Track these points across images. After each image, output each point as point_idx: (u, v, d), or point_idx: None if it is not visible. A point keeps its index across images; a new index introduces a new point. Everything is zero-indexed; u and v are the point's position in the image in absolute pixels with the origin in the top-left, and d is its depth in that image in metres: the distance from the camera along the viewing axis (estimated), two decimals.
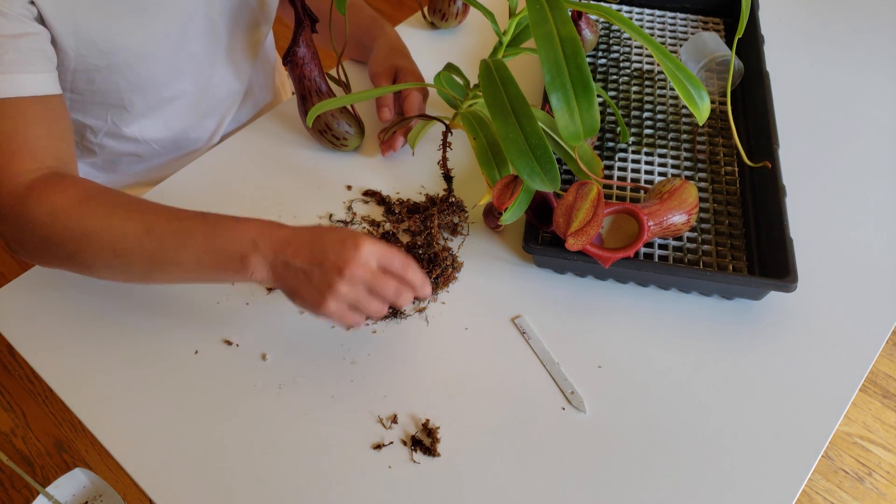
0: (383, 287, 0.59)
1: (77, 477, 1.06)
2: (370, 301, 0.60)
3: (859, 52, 1.03)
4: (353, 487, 0.60)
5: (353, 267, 0.57)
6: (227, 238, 0.60)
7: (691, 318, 0.72)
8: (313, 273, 0.58)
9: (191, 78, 0.84)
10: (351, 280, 0.58)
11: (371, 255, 0.59)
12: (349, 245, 0.58)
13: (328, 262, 0.58)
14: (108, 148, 0.88)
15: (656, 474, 0.62)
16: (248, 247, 0.59)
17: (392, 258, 0.60)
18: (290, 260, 0.59)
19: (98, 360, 0.67)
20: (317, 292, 0.58)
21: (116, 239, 0.61)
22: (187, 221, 0.62)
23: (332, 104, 0.71)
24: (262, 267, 0.59)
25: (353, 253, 0.58)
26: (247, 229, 0.60)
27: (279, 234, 0.60)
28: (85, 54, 0.71)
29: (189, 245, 0.61)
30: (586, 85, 0.59)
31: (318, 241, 0.59)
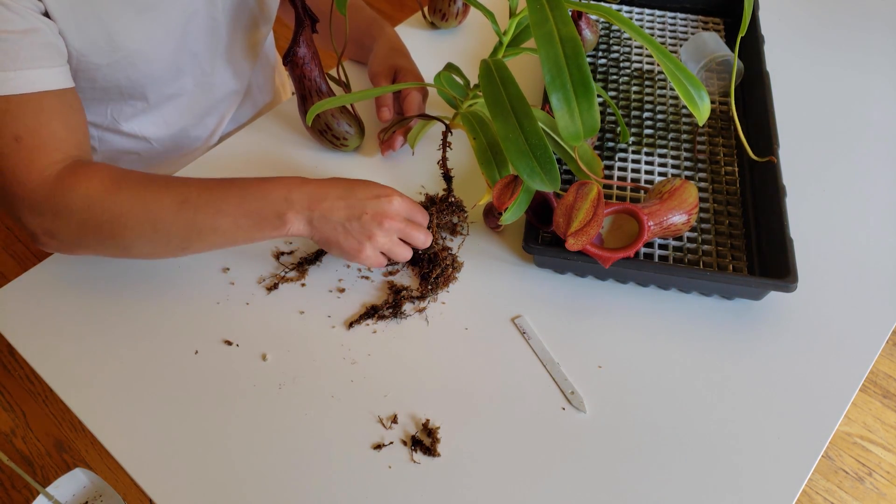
0: (414, 236, 0.69)
1: (77, 477, 1.06)
2: (401, 247, 0.68)
3: (859, 52, 1.03)
4: (353, 487, 0.60)
5: (390, 219, 0.66)
6: (260, 199, 0.64)
7: (691, 318, 0.72)
8: (352, 226, 0.65)
9: (191, 76, 0.84)
10: (388, 231, 0.66)
11: (401, 207, 0.67)
12: (383, 200, 0.66)
13: (366, 216, 0.65)
14: (109, 144, 0.88)
15: (656, 474, 0.62)
16: (282, 204, 0.64)
17: (416, 211, 0.70)
18: (327, 214, 0.65)
19: (98, 360, 0.67)
20: (356, 242, 0.66)
21: (153, 214, 0.64)
22: (218, 189, 0.65)
23: (331, 104, 0.71)
24: (299, 222, 0.65)
25: (387, 206, 0.66)
26: (278, 187, 0.65)
27: (311, 188, 0.65)
28: (86, 53, 0.71)
29: (225, 210, 0.64)
30: (586, 85, 0.59)
31: (353, 197, 0.66)
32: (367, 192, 0.67)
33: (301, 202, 0.65)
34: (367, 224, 0.65)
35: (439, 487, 0.61)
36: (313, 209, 0.65)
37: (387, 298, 0.72)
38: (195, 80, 0.85)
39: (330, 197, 0.65)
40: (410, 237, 0.69)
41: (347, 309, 0.72)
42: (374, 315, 0.71)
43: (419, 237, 0.69)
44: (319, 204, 0.65)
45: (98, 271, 0.74)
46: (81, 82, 0.76)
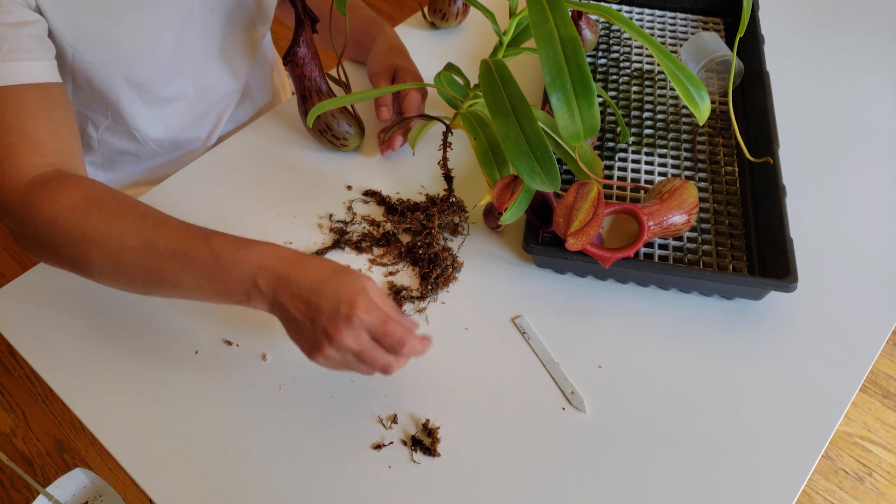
0: (371, 360, 0.58)
1: (77, 477, 1.06)
2: (359, 366, 0.59)
3: (859, 51, 1.03)
4: (353, 487, 0.60)
5: (342, 337, 0.56)
6: (228, 269, 0.58)
7: (691, 318, 0.72)
8: (306, 327, 0.57)
9: (188, 76, 0.84)
10: (339, 348, 0.56)
11: (362, 326, 0.56)
12: (343, 313, 0.56)
13: (319, 325, 0.56)
14: (109, 144, 0.88)
15: (656, 474, 0.62)
16: (248, 282, 0.58)
17: (384, 335, 0.57)
18: (286, 304, 0.57)
19: (98, 360, 0.67)
20: (308, 344, 0.58)
21: (116, 250, 0.60)
22: (189, 242, 0.60)
23: (332, 104, 0.71)
24: (261, 303, 0.59)
25: (344, 323, 0.55)
26: (248, 261, 0.58)
27: (280, 270, 0.58)
28: (81, 50, 0.71)
29: (190, 269, 0.59)
30: (586, 85, 0.59)
31: (316, 296, 0.57)
32: (332, 294, 0.56)
33: (266, 284, 0.58)
34: (318, 334, 0.57)
35: (439, 487, 0.61)
36: (276, 294, 0.58)
37: None
38: (192, 80, 0.85)
39: (294, 287, 0.57)
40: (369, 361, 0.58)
41: None
42: None
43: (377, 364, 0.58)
44: (282, 290, 0.57)
45: None
46: (80, 81, 0.76)
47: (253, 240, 0.60)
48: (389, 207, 0.79)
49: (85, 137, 0.87)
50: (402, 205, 0.79)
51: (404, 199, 0.80)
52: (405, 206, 0.79)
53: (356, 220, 0.79)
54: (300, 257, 0.59)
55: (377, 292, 0.58)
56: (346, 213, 0.79)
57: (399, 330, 0.57)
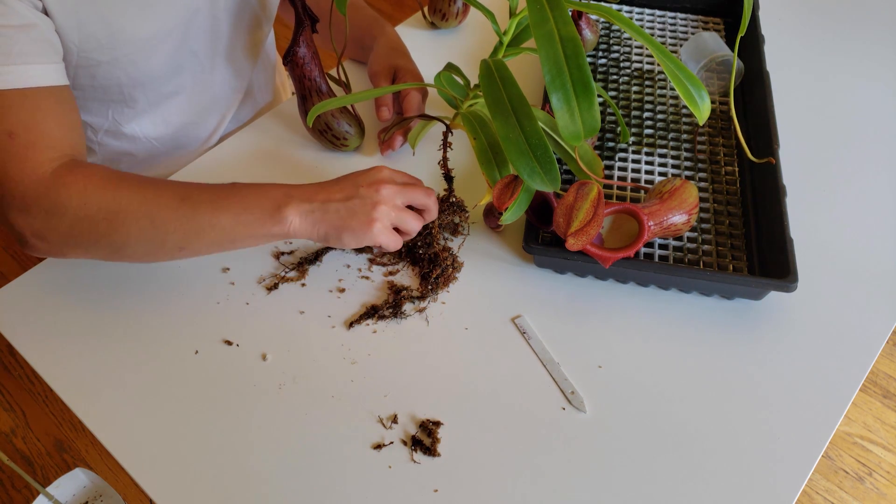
0: (413, 196, 0.68)
1: (77, 477, 1.06)
2: (408, 214, 0.68)
3: (859, 51, 1.03)
4: (353, 487, 0.60)
5: (386, 185, 0.66)
6: (260, 195, 0.65)
7: (691, 318, 0.72)
8: (354, 204, 0.65)
9: (191, 75, 0.84)
10: (388, 198, 0.66)
11: (392, 173, 0.68)
12: (373, 173, 0.67)
13: (363, 191, 0.65)
14: (109, 146, 0.88)
15: (656, 474, 0.62)
16: (281, 199, 0.65)
17: (406, 176, 0.70)
18: (326, 202, 0.65)
19: (98, 359, 0.67)
20: (364, 216, 0.65)
21: (153, 209, 0.64)
22: (219, 188, 0.66)
23: (332, 104, 0.71)
24: (298, 215, 0.65)
25: (379, 175, 0.67)
26: (277, 187, 0.66)
27: (306, 186, 0.67)
28: (87, 49, 0.71)
29: (225, 207, 0.64)
30: (587, 85, 0.59)
31: (346, 181, 0.67)
32: (356, 175, 0.68)
33: (300, 195, 0.65)
34: (367, 195, 0.65)
35: (439, 487, 0.61)
36: (312, 200, 0.65)
37: (387, 298, 0.72)
38: (195, 79, 0.85)
39: (325, 188, 0.66)
40: (412, 199, 0.68)
41: (347, 309, 0.72)
42: (374, 315, 0.71)
43: (419, 196, 0.69)
44: (317, 195, 0.66)
45: (99, 271, 0.74)
46: (82, 80, 0.76)
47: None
48: None
49: (92, 144, 0.87)
50: None
51: None
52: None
53: None
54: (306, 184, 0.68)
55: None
56: None
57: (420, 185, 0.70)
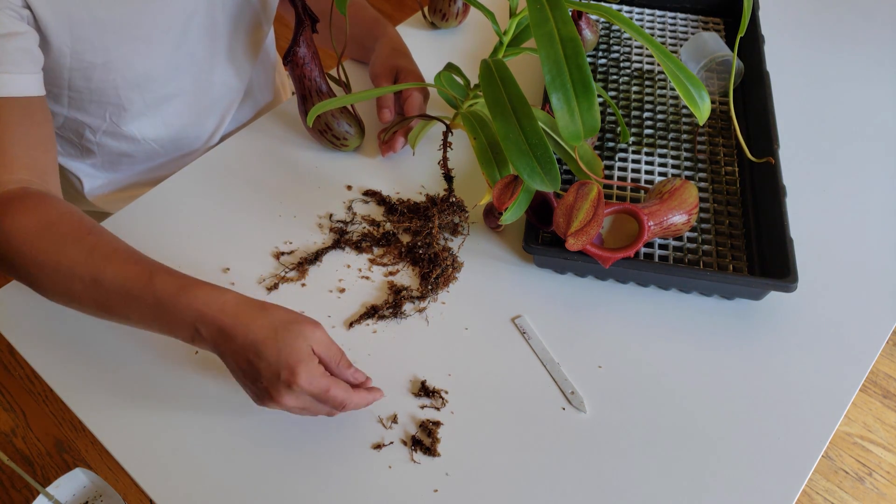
0: (317, 412, 0.59)
1: (77, 477, 1.06)
2: (310, 412, 0.59)
3: (859, 51, 1.03)
4: (353, 487, 0.60)
5: (284, 400, 0.56)
6: (170, 314, 0.58)
7: (691, 318, 0.72)
8: (248, 383, 0.58)
9: (189, 76, 0.84)
10: (282, 407, 0.57)
11: (303, 392, 0.56)
12: (283, 379, 0.55)
13: (261, 385, 0.57)
14: (108, 147, 0.88)
15: (656, 474, 0.62)
16: (190, 329, 0.58)
17: (326, 401, 0.58)
18: (228, 358, 0.58)
19: (98, 359, 0.67)
20: (253, 396, 0.59)
21: (65, 279, 0.60)
22: (133, 282, 0.59)
23: (332, 104, 0.71)
24: (205, 348, 0.59)
25: (285, 389, 0.56)
26: (190, 309, 0.58)
27: (221, 323, 0.57)
28: (80, 51, 0.71)
29: (135, 307, 0.60)
30: (587, 85, 0.59)
31: (256, 358, 0.56)
32: (275, 360, 0.56)
33: (207, 335, 0.58)
34: (262, 392, 0.57)
35: (439, 487, 0.61)
36: (217, 346, 0.58)
37: (387, 298, 0.72)
38: (194, 80, 0.85)
39: (235, 344, 0.57)
40: (315, 413, 0.60)
41: (347, 309, 0.72)
42: (374, 315, 0.71)
43: (322, 413, 0.60)
44: (223, 345, 0.57)
45: None
46: (77, 82, 0.75)
47: (197, 282, 0.59)
48: (389, 207, 0.79)
49: (83, 141, 0.87)
50: (402, 205, 0.79)
51: (404, 199, 0.80)
52: (405, 206, 0.79)
53: (356, 219, 0.79)
54: (243, 309, 0.58)
55: (324, 343, 0.58)
56: (346, 212, 0.79)
57: (340, 395, 0.57)
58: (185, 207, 0.80)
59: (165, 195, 0.81)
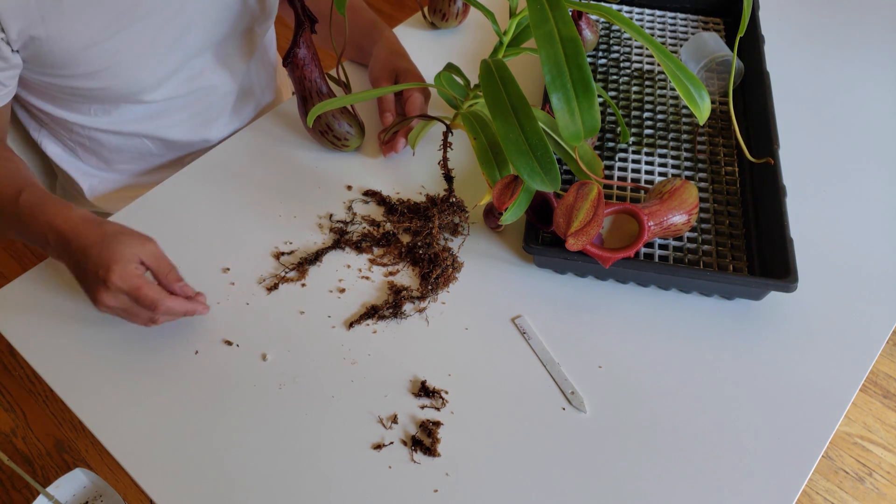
0: (134, 315, 0.65)
1: (77, 477, 1.06)
2: (134, 317, 0.65)
3: (859, 51, 1.03)
4: (353, 487, 0.60)
5: (102, 297, 0.63)
6: (29, 224, 0.67)
7: (691, 318, 0.72)
8: (82, 282, 0.65)
9: (181, 80, 0.84)
10: (103, 305, 0.64)
11: (118, 290, 0.63)
12: (100, 277, 0.62)
13: (86, 284, 0.65)
14: (100, 143, 0.88)
15: (656, 474, 0.62)
16: (42, 237, 0.67)
17: (138, 298, 0.63)
18: (65, 261, 0.66)
19: (98, 360, 0.67)
20: (90, 295, 0.65)
21: None
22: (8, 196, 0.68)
23: (332, 104, 0.71)
24: (53, 255, 0.67)
25: (101, 286, 0.63)
26: (43, 220, 0.66)
27: (63, 229, 0.65)
28: (64, 63, 0.71)
29: (4, 221, 0.69)
30: (587, 85, 0.59)
31: (83, 259, 0.64)
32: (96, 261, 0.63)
33: (53, 242, 0.66)
34: (88, 291, 0.65)
35: (439, 487, 0.61)
36: (59, 252, 0.66)
37: (387, 298, 0.72)
38: (186, 84, 0.85)
39: (70, 248, 0.65)
40: (134, 317, 0.65)
41: (347, 309, 0.72)
42: (374, 315, 0.71)
43: (141, 319, 0.65)
44: (62, 250, 0.65)
45: None
46: (73, 85, 0.75)
47: (56, 199, 0.67)
48: (389, 207, 0.79)
49: (73, 136, 0.87)
50: (402, 205, 0.79)
51: (404, 199, 0.80)
52: (405, 206, 0.79)
53: (356, 220, 0.79)
54: (83, 222, 0.65)
55: (153, 256, 0.65)
56: (347, 213, 0.79)
57: (151, 294, 0.63)
58: (185, 207, 0.80)
59: (165, 195, 0.81)
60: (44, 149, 0.90)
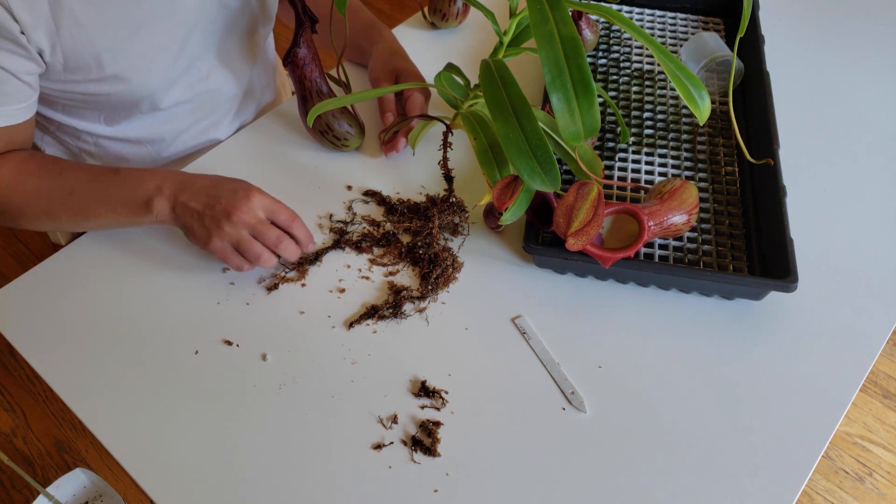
0: (264, 233, 0.68)
1: (77, 477, 1.06)
2: (252, 244, 0.68)
3: (859, 51, 1.03)
4: (353, 487, 0.60)
5: (240, 212, 0.67)
6: (136, 187, 0.69)
7: (691, 319, 0.72)
8: (205, 214, 0.67)
9: (188, 85, 0.84)
10: (236, 224, 0.67)
11: (259, 205, 0.68)
12: (241, 194, 0.67)
13: (219, 207, 0.67)
14: (107, 150, 0.88)
15: (656, 474, 0.62)
16: (153, 191, 0.69)
17: (278, 211, 0.69)
18: (187, 202, 0.68)
19: (98, 359, 0.67)
20: (205, 231, 0.68)
21: (46, 205, 0.71)
22: (103, 178, 0.71)
23: (332, 104, 0.71)
24: (164, 209, 0.69)
25: (242, 201, 0.67)
26: (152, 177, 0.70)
27: (182, 178, 0.70)
28: (75, 69, 0.71)
29: (105, 199, 0.70)
30: (587, 85, 0.59)
31: (214, 188, 0.68)
32: (230, 185, 0.68)
33: (169, 189, 0.68)
34: (218, 214, 0.67)
35: (439, 487, 0.61)
36: (178, 196, 0.68)
37: (387, 298, 0.72)
38: (192, 88, 0.85)
39: (195, 187, 0.68)
40: (262, 236, 0.68)
41: (347, 309, 0.72)
42: (374, 315, 0.71)
43: (270, 236, 0.68)
44: (184, 192, 0.68)
45: (99, 271, 0.74)
46: (73, 91, 0.75)
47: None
48: (389, 207, 0.79)
49: (80, 143, 0.87)
50: (402, 205, 0.79)
51: (404, 199, 0.80)
52: (405, 206, 0.79)
53: (356, 220, 0.79)
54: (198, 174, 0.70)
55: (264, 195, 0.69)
56: (347, 213, 0.79)
57: (288, 210, 0.69)
58: None
59: None
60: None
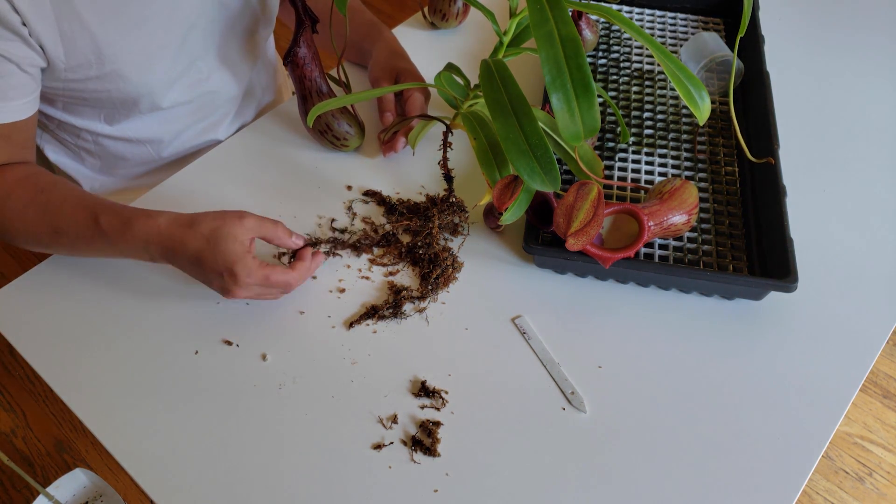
0: (268, 296, 0.69)
1: (77, 477, 1.06)
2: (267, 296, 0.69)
3: (859, 51, 1.03)
4: (353, 487, 0.60)
5: (237, 294, 0.65)
6: (122, 247, 0.68)
7: (691, 319, 0.72)
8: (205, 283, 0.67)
9: (188, 85, 0.84)
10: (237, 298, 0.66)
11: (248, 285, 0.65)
12: (227, 280, 0.64)
13: (215, 285, 0.66)
14: (107, 149, 0.88)
15: (656, 475, 0.62)
16: (143, 254, 0.68)
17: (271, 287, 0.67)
18: (182, 267, 0.67)
19: (98, 359, 0.67)
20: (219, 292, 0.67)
21: (33, 236, 0.70)
22: (83, 228, 0.68)
23: (332, 104, 0.71)
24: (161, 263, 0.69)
25: (232, 286, 0.65)
26: (137, 239, 0.67)
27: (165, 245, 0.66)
28: (74, 65, 0.71)
29: (95, 248, 0.69)
30: (587, 85, 0.59)
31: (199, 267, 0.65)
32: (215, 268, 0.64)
33: (158, 255, 0.67)
34: (218, 290, 0.67)
35: (439, 487, 0.61)
36: (170, 261, 0.67)
37: (387, 298, 0.72)
38: (193, 88, 0.85)
39: (181, 259, 0.66)
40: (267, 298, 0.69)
41: (347, 309, 0.72)
42: (374, 315, 0.71)
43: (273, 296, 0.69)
44: (174, 260, 0.67)
45: (98, 271, 0.74)
46: (73, 89, 0.75)
47: (133, 214, 0.67)
48: (389, 207, 0.79)
49: (80, 141, 0.87)
50: (402, 205, 0.79)
51: (404, 199, 0.80)
52: (405, 207, 0.79)
53: (356, 220, 0.79)
54: (174, 229, 0.65)
55: (255, 228, 0.66)
56: (346, 213, 0.79)
57: (281, 278, 0.66)
58: (184, 207, 0.79)
59: (165, 195, 0.81)
60: (45, 152, 0.90)
